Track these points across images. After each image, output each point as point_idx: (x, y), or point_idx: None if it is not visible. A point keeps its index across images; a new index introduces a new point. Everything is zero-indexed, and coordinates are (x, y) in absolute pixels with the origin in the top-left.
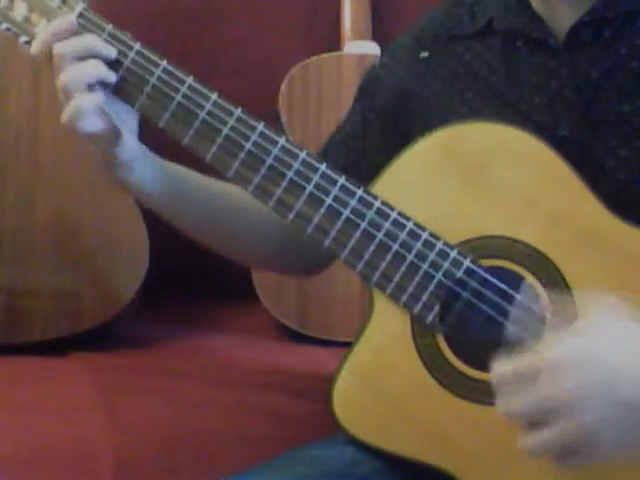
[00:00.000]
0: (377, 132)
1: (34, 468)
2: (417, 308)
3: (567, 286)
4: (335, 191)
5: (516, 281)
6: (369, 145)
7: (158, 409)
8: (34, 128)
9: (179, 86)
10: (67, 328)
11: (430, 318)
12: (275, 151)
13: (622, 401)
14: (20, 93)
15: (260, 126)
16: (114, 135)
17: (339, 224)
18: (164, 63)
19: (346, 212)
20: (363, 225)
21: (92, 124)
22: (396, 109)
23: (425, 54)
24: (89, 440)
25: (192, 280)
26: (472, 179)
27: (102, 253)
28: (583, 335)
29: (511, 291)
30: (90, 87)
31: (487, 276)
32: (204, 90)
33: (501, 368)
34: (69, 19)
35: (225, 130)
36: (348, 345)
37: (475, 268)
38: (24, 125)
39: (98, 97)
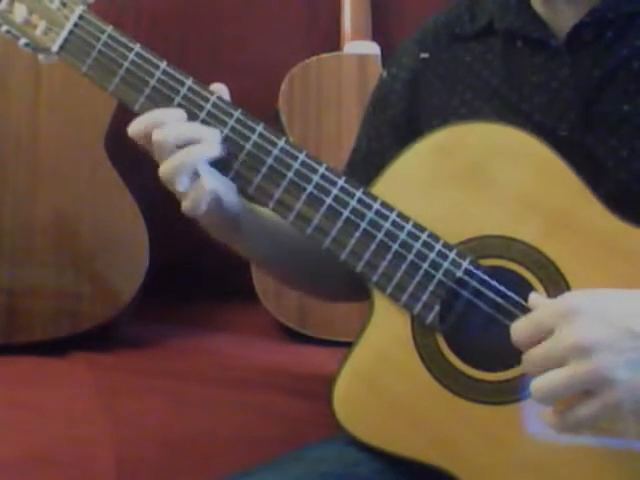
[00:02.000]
0: (394, 143)
1: (34, 468)
2: (417, 308)
3: (567, 285)
4: (335, 191)
5: (516, 281)
6: (388, 157)
7: (158, 409)
8: (34, 128)
9: (179, 87)
10: (67, 328)
11: (430, 318)
12: (275, 152)
13: (631, 332)
14: (20, 93)
15: (260, 127)
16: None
17: (339, 224)
18: (163, 65)
19: (346, 212)
20: (363, 225)
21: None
22: (408, 115)
23: (425, 55)
24: (89, 440)
25: (192, 280)
26: (471, 179)
27: (102, 253)
28: (584, 290)
29: (510, 292)
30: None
31: (486, 277)
32: (203, 92)
33: (517, 326)
34: (178, 112)
35: (225, 131)
36: (348, 345)
37: (475, 268)
38: (24, 125)
39: (209, 183)
